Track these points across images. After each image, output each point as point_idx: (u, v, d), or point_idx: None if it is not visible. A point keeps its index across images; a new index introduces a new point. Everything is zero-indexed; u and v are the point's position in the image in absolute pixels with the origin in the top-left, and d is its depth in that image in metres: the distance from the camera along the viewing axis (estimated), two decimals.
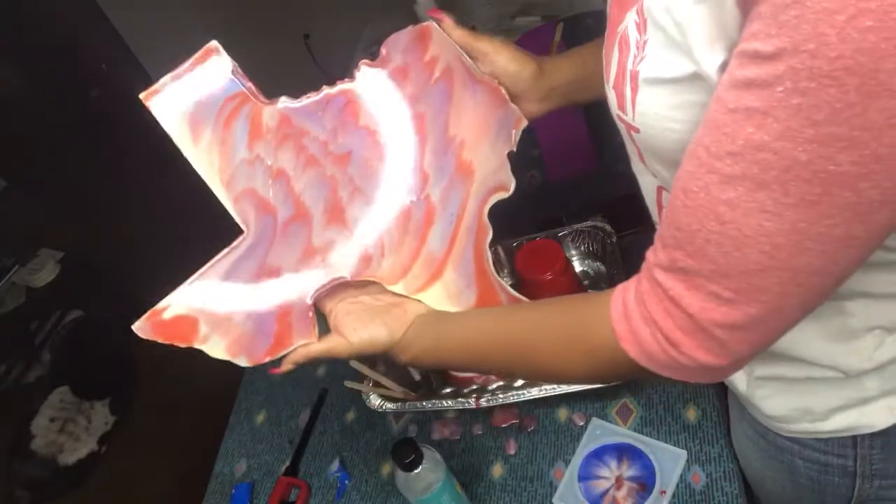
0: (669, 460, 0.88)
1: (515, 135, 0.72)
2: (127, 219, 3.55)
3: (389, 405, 1.05)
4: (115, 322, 2.76)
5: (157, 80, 0.67)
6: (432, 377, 1.08)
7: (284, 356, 0.72)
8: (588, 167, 1.31)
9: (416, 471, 0.81)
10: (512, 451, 0.98)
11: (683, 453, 0.88)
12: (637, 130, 0.53)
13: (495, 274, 0.73)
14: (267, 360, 0.70)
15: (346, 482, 1.05)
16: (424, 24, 0.70)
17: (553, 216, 1.22)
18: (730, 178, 0.39)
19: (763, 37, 0.35)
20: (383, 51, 0.71)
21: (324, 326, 0.73)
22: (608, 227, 1.11)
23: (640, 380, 0.60)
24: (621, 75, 0.53)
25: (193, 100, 0.66)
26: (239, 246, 0.69)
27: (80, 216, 3.73)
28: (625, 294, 0.50)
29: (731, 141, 0.38)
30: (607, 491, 0.87)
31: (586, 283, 1.11)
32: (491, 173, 0.73)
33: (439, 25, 0.71)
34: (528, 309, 0.64)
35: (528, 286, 1.00)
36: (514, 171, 0.75)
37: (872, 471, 0.63)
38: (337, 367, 1.22)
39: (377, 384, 1.07)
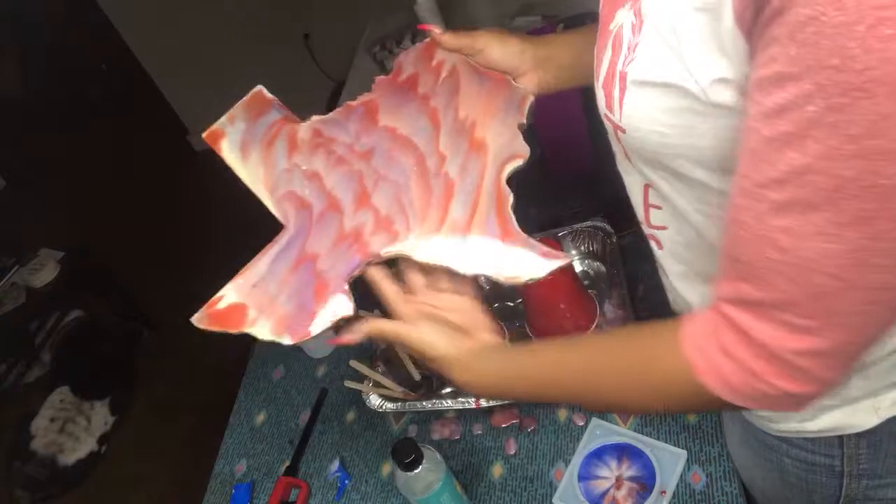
0: (669, 460, 0.88)
1: (524, 108, 0.75)
2: (127, 219, 3.56)
3: (389, 405, 1.06)
4: (115, 322, 2.76)
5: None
6: (432, 377, 1.08)
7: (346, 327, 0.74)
8: (588, 167, 1.31)
9: (416, 471, 0.81)
10: (512, 451, 0.98)
11: (683, 453, 0.88)
12: (623, 131, 0.53)
13: (522, 233, 0.73)
14: (305, 337, 0.74)
15: (346, 482, 1.05)
16: (430, 38, 0.76)
17: (553, 216, 1.22)
18: (780, 204, 0.38)
19: (783, 59, 0.35)
20: (396, 65, 0.79)
21: (360, 304, 0.75)
22: (608, 227, 1.11)
23: (712, 411, 0.59)
24: (611, 75, 0.53)
25: (243, 128, 0.81)
26: (280, 240, 0.78)
27: (80, 216, 3.74)
28: (693, 326, 0.49)
29: (774, 168, 0.38)
30: (607, 491, 0.87)
31: (586, 282, 1.11)
32: (505, 145, 0.76)
33: (430, 36, 0.74)
34: (593, 342, 0.62)
35: (527, 286, 0.99)
36: (515, 171, 0.76)
37: (859, 470, 0.63)
38: (337, 367, 1.22)
39: (377, 384, 1.07)
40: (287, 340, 0.74)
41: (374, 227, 0.77)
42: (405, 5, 1.93)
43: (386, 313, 0.98)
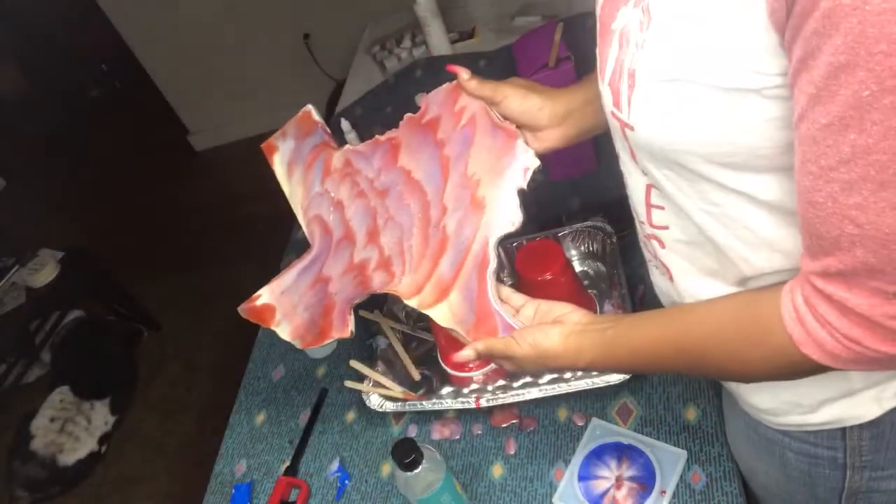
0: (669, 460, 0.88)
1: (527, 174, 0.78)
2: (127, 219, 3.56)
3: (389, 405, 1.06)
4: (115, 322, 2.76)
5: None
6: (432, 377, 1.08)
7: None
8: (588, 167, 1.31)
9: (416, 471, 0.81)
10: (512, 451, 0.98)
11: (683, 453, 0.88)
12: (631, 128, 0.53)
13: (497, 302, 0.78)
14: (312, 346, 0.90)
15: (346, 482, 1.05)
16: (455, 82, 0.80)
17: (553, 216, 1.22)
18: (850, 183, 0.40)
19: (829, 49, 0.36)
20: (423, 103, 0.83)
21: (359, 326, 0.91)
22: (608, 227, 1.11)
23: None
24: (618, 73, 0.53)
25: (291, 147, 0.92)
26: (305, 257, 0.91)
27: (80, 216, 3.74)
28: (793, 297, 0.50)
29: (838, 151, 0.39)
30: (607, 491, 0.87)
31: (586, 282, 1.11)
32: (501, 210, 0.80)
33: (457, 79, 0.78)
34: (695, 314, 0.62)
35: (527, 286, 0.99)
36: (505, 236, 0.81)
37: (862, 462, 0.63)
38: (337, 367, 1.22)
39: (377, 384, 1.07)
40: (298, 345, 0.90)
41: (376, 265, 0.86)
42: (405, 5, 1.93)
43: (387, 314, 0.99)
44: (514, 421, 1.01)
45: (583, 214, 1.16)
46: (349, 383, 1.08)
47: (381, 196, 0.86)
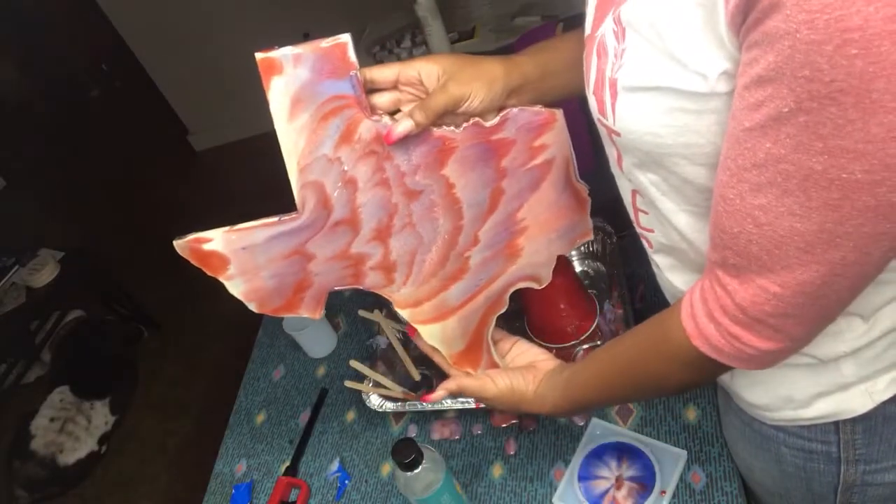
0: (669, 460, 0.88)
1: (574, 244, 0.78)
2: (127, 219, 3.56)
3: (389, 405, 1.06)
4: (115, 322, 2.76)
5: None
6: (432, 377, 1.08)
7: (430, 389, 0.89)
8: (588, 167, 1.30)
9: (416, 471, 0.81)
10: (512, 451, 0.98)
11: (683, 453, 0.88)
12: (618, 134, 0.55)
13: (489, 340, 0.81)
14: (272, 314, 0.79)
15: (346, 482, 1.05)
16: (553, 111, 0.71)
17: None
18: (759, 185, 0.43)
19: (763, 63, 0.39)
20: (499, 118, 0.71)
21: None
22: (608, 227, 1.11)
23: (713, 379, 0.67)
24: (600, 82, 0.55)
25: (303, 80, 0.67)
26: (288, 222, 0.73)
27: (80, 216, 3.74)
28: (692, 294, 0.54)
29: (754, 154, 0.43)
30: (607, 491, 0.87)
31: (586, 282, 1.11)
32: (533, 264, 0.78)
33: (549, 111, 0.72)
34: (624, 337, 0.68)
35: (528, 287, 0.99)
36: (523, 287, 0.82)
37: (856, 456, 0.64)
38: (337, 367, 1.22)
39: (377, 384, 1.07)
40: (253, 308, 0.78)
41: (376, 264, 0.77)
42: (405, 5, 1.93)
43: (389, 315, 1.00)
44: (514, 421, 1.01)
45: None
46: (349, 383, 1.08)
47: (408, 196, 0.73)
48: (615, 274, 1.06)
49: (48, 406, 2.34)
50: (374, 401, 1.06)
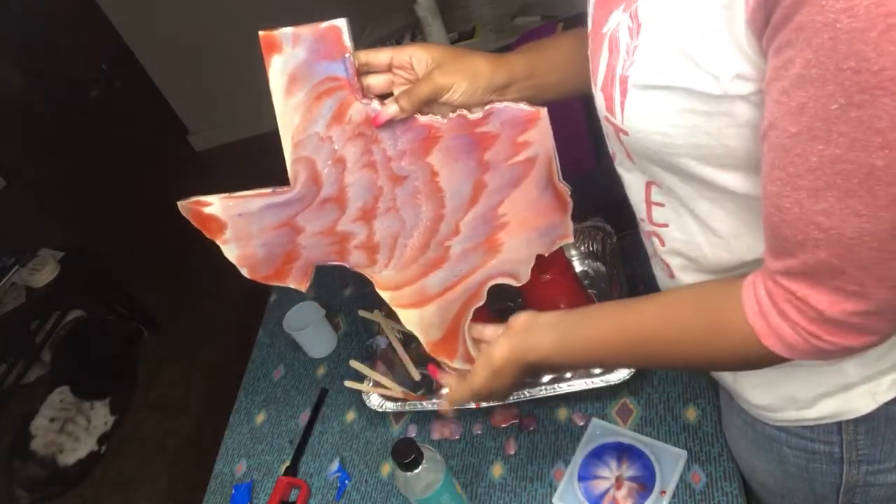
0: (669, 460, 0.88)
1: (554, 246, 0.78)
2: (127, 219, 3.55)
3: (389, 405, 1.06)
4: (115, 322, 2.76)
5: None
6: (432, 377, 1.08)
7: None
8: (588, 167, 1.31)
9: (416, 471, 0.81)
10: (512, 451, 0.98)
11: (683, 453, 0.88)
12: (626, 133, 0.54)
13: (465, 332, 0.81)
14: (262, 282, 0.83)
15: (346, 482, 1.05)
16: (537, 108, 0.71)
17: None
18: (817, 190, 0.41)
19: (801, 62, 0.38)
20: (486, 111, 0.72)
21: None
22: (608, 227, 1.11)
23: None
24: (610, 79, 0.54)
25: (300, 60, 0.72)
26: (280, 194, 0.78)
27: (80, 216, 3.74)
28: (756, 291, 0.51)
29: (806, 160, 0.41)
30: (607, 491, 0.87)
31: (586, 282, 1.11)
32: (512, 261, 0.78)
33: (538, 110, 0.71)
34: (654, 307, 0.63)
35: (527, 286, 0.99)
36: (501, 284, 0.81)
37: (859, 456, 0.64)
38: (337, 367, 1.22)
39: (377, 384, 1.07)
40: (245, 273, 0.83)
41: (360, 244, 0.79)
42: (405, 5, 1.93)
43: (389, 315, 0.99)
44: (514, 421, 1.01)
45: (583, 214, 1.16)
46: (349, 383, 1.08)
47: (392, 181, 0.76)
48: (615, 274, 1.06)
49: (48, 406, 2.34)
50: (374, 401, 1.06)
